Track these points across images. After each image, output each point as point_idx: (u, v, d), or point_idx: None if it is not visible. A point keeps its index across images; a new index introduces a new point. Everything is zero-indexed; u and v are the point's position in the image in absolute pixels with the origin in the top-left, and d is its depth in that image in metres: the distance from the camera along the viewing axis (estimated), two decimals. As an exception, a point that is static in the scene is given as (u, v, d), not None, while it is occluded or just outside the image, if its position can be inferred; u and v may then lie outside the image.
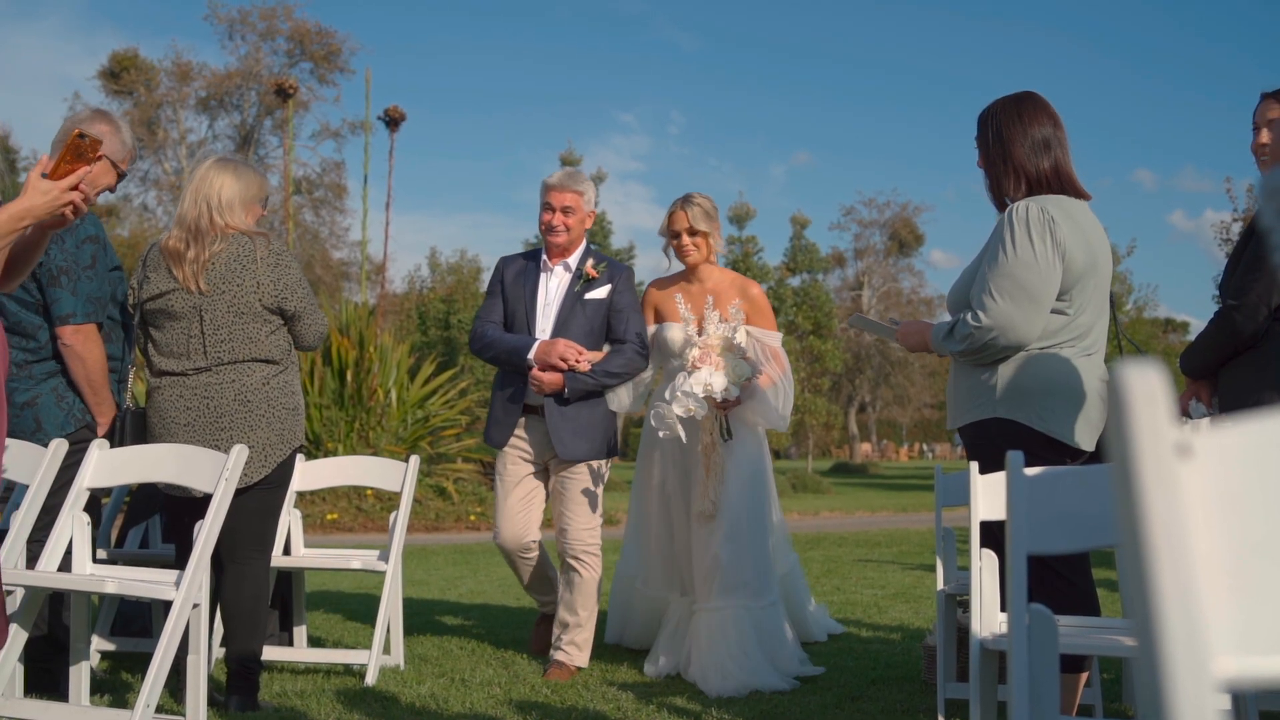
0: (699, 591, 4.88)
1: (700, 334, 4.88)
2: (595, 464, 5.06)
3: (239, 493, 3.88)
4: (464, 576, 9.16)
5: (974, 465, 3.46)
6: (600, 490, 5.10)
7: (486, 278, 46.47)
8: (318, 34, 42.22)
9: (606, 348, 5.08)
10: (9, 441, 4.09)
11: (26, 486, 4.02)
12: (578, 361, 4.89)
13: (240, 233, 4.20)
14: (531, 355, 4.93)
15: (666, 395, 4.74)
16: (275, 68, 41.82)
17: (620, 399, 5.09)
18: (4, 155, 33.53)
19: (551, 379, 4.91)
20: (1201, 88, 74.37)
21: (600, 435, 5.05)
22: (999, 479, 3.34)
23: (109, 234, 4.93)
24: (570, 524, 5.03)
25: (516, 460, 5.09)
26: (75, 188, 3.26)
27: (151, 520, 5.39)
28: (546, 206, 5.11)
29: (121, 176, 4.51)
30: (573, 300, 5.06)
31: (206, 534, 3.74)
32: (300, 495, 5.38)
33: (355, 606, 7.16)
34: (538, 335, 5.02)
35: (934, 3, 74.15)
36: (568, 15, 74.20)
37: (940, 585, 4.32)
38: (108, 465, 4.05)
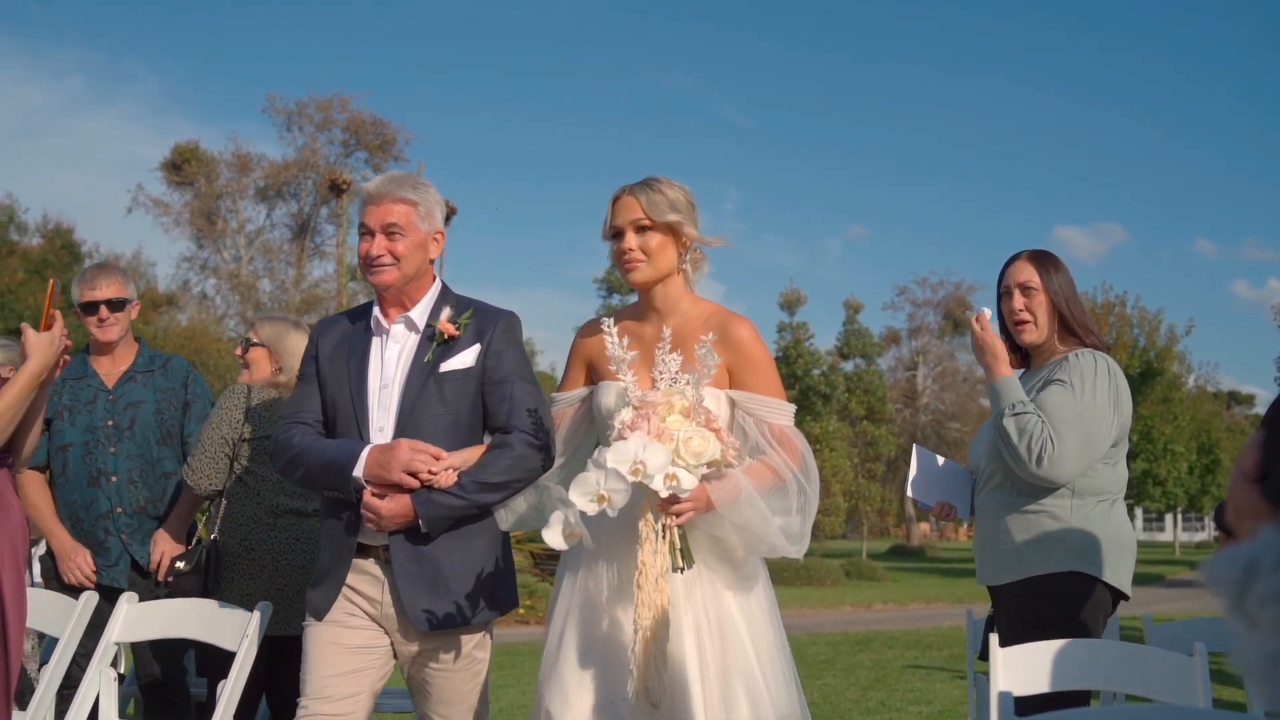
0: None
1: (652, 388, 2.96)
2: (473, 635, 3.31)
3: (297, 638, 3.87)
4: (506, 685, 9.04)
5: (994, 638, 3.34)
6: (484, 669, 3.38)
7: (539, 360, 46.30)
8: (373, 124, 43.12)
9: (488, 439, 3.31)
10: (37, 592, 4.17)
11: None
12: (433, 474, 3.12)
13: None
14: (359, 471, 3.13)
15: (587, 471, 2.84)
16: (331, 158, 42.74)
17: (517, 511, 3.33)
18: (69, 249, 34.35)
19: (394, 508, 3.12)
20: (1264, 156, 73.82)
21: (481, 584, 3.26)
22: (1033, 652, 3.24)
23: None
24: None
25: (345, 620, 3.26)
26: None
27: (189, 653, 5.39)
28: (363, 230, 3.31)
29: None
30: (423, 375, 3.24)
31: (229, 695, 3.73)
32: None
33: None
34: (373, 436, 3.23)
35: (989, 76, 74.41)
36: (624, 93, 75.22)
37: (973, 737, 4.23)
38: (135, 619, 4.07)
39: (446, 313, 3.31)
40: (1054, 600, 3.49)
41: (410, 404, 3.22)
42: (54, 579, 4.58)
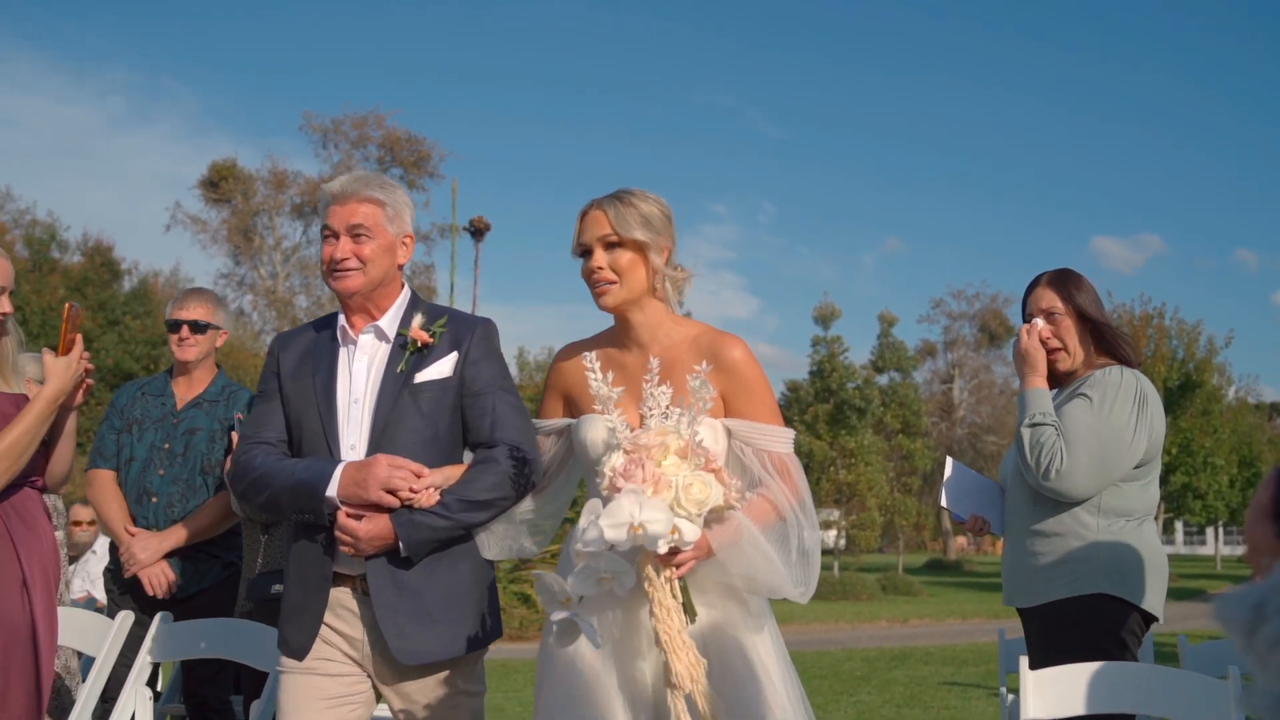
0: None
1: (640, 427, 2.66)
2: (463, 668, 3.02)
3: None
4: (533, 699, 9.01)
5: (1023, 660, 3.32)
6: (474, 701, 3.07)
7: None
8: (407, 141, 43.37)
9: (469, 456, 3.07)
10: (75, 611, 4.22)
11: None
12: (414, 492, 2.88)
13: None
14: (333, 491, 2.89)
15: (577, 545, 2.48)
16: (367, 174, 42.98)
17: (500, 538, 3.05)
18: (109, 267, 34.76)
19: (372, 530, 2.87)
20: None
21: (467, 611, 3.00)
22: (1063, 675, 3.21)
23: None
24: None
25: (322, 666, 2.99)
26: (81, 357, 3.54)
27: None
28: (326, 232, 3.06)
29: None
30: (396, 386, 3.00)
31: (262, 714, 3.76)
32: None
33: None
34: (344, 455, 2.97)
35: (1025, 89, 74.05)
36: (658, 107, 75.14)
37: (1006, 759, 4.20)
38: (170, 638, 4.11)
39: (419, 320, 3.07)
40: (1082, 624, 3.44)
41: (384, 419, 2.97)
42: (120, 594, 4.63)
